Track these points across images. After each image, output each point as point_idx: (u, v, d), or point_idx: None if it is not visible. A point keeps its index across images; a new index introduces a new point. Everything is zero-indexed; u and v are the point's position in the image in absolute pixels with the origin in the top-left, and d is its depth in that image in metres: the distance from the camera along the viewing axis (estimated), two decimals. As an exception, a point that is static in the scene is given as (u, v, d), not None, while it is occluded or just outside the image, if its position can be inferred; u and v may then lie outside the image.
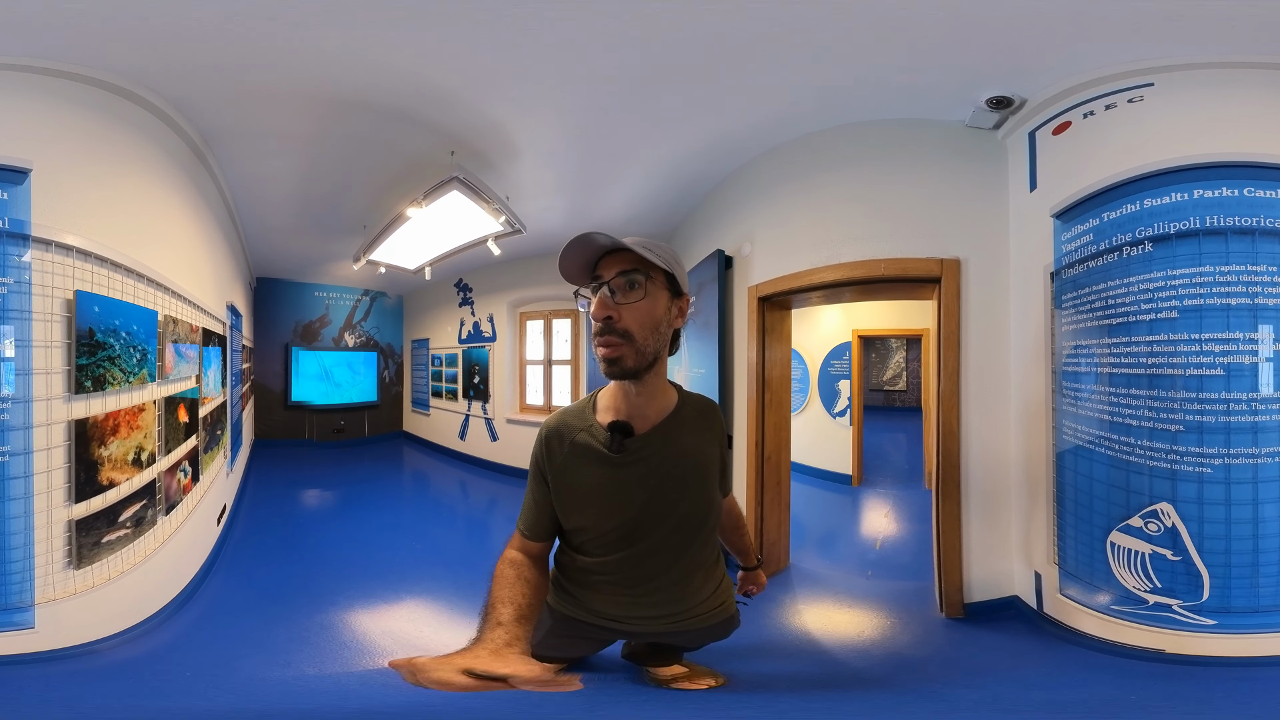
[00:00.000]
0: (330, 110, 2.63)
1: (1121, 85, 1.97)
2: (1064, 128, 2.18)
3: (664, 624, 1.32)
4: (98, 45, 2.02)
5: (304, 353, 7.35)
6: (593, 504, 1.21)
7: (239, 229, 4.68)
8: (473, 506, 5.32)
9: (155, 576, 2.50)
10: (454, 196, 3.37)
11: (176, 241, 2.89)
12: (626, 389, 1.18)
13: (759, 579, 1.70)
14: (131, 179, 2.39)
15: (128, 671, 2.03)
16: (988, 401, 2.45)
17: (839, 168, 2.67)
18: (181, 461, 2.88)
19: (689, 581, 1.29)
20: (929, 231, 2.48)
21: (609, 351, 1.09)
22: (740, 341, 3.10)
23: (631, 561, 1.23)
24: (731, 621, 1.47)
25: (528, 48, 2.05)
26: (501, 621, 1.02)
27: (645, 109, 2.54)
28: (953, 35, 1.91)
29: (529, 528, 1.28)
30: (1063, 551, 2.18)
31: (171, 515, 2.70)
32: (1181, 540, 1.84)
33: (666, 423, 1.21)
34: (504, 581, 1.14)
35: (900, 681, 2.01)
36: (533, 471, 1.29)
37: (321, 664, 2.24)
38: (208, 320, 3.57)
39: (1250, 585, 1.76)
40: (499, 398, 6.41)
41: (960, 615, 2.45)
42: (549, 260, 5.24)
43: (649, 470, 1.18)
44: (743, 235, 3.12)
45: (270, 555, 3.60)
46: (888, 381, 12.96)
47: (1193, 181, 1.79)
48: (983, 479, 2.46)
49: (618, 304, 1.09)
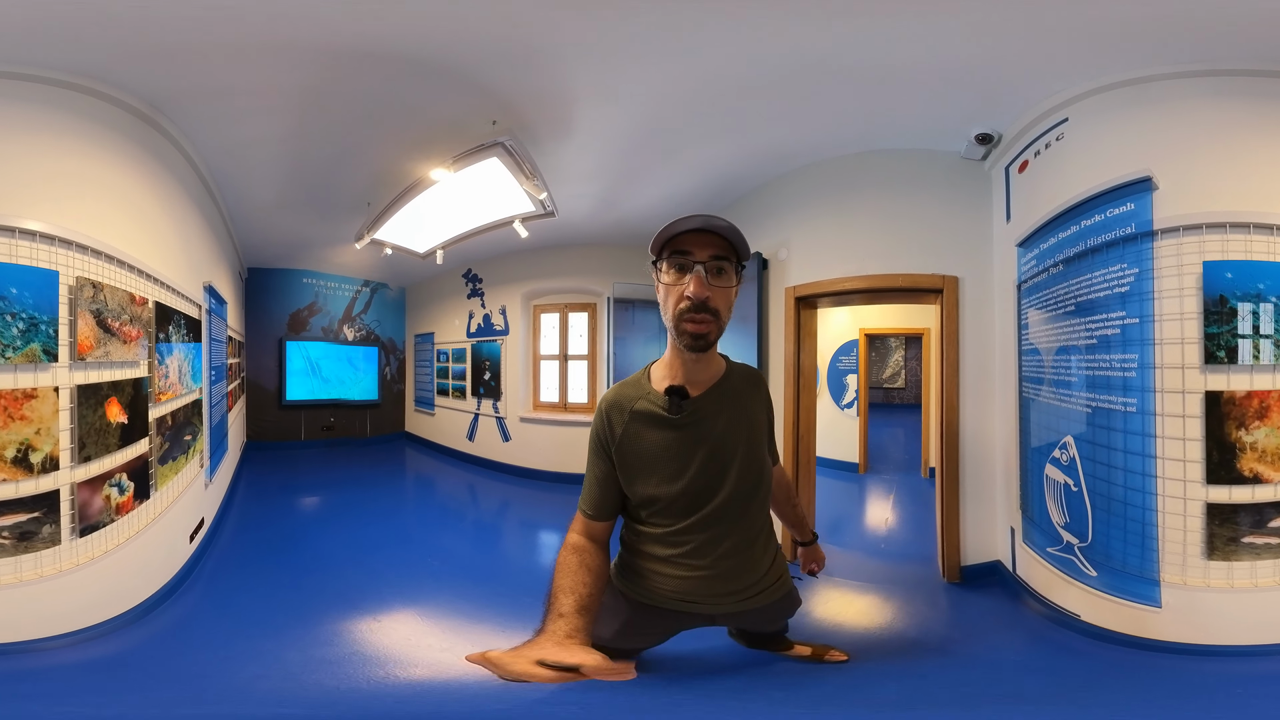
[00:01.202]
0: (323, 62, 2.18)
1: (1051, 123, 2.36)
2: (1024, 166, 2.56)
3: (734, 601, 1.37)
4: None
5: (292, 345, 6.65)
6: (658, 466, 1.26)
7: (221, 207, 4.02)
8: (483, 512, 4.76)
9: (56, 603, 2.04)
10: (490, 165, 3.04)
11: (104, 200, 2.30)
12: (684, 358, 1.24)
13: (818, 555, 1.75)
14: (26, 142, 2.00)
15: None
16: (979, 390, 2.88)
17: (864, 189, 3.02)
18: (115, 474, 2.21)
19: (749, 550, 1.35)
20: (934, 251, 2.89)
21: (700, 328, 1.15)
22: (776, 334, 3.37)
23: (698, 528, 1.28)
24: (792, 597, 1.56)
25: (626, 23, 1.92)
26: (563, 613, 1.05)
27: (710, 113, 2.64)
28: (948, 76, 2.20)
29: (592, 506, 1.32)
30: (1023, 496, 2.62)
31: (92, 538, 2.04)
32: (1077, 472, 2.26)
33: (718, 386, 1.29)
34: (566, 570, 1.17)
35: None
36: (593, 448, 1.33)
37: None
38: (171, 298, 2.90)
39: (1120, 532, 2.10)
40: (512, 394, 5.85)
41: (958, 580, 2.85)
42: (569, 250, 4.64)
43: (706, 429, 1.26)
44: (778, 241, 3.38)
45: (254, 574, 3.01)
46: (887, 379, 13.15)
47: (1098, 207, 2.18)
48: (975, 456, 2.88)
49: (710, 286, 1.15)
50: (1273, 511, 1.88)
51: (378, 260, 6.00)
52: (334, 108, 2.62)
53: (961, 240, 2.86)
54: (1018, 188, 2.61)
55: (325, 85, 2.38)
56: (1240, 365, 1.87)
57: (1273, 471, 1.87)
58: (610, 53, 2.10)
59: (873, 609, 2.63)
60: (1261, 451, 1.87)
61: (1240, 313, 1.85)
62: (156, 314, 2.65)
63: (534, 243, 4.62)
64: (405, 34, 1.99)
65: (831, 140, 2.91)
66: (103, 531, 2.15)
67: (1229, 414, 1.87)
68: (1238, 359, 1.86)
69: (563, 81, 2.33)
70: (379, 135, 2.97)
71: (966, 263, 2.84)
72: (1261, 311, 1.85)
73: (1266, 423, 1.86)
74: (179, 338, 3.01)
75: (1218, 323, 1.87)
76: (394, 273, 6.91)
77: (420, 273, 6.69)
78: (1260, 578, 1.91)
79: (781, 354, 3.27)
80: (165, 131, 2.70)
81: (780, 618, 1.63)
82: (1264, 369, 1.87)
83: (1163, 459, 1.96)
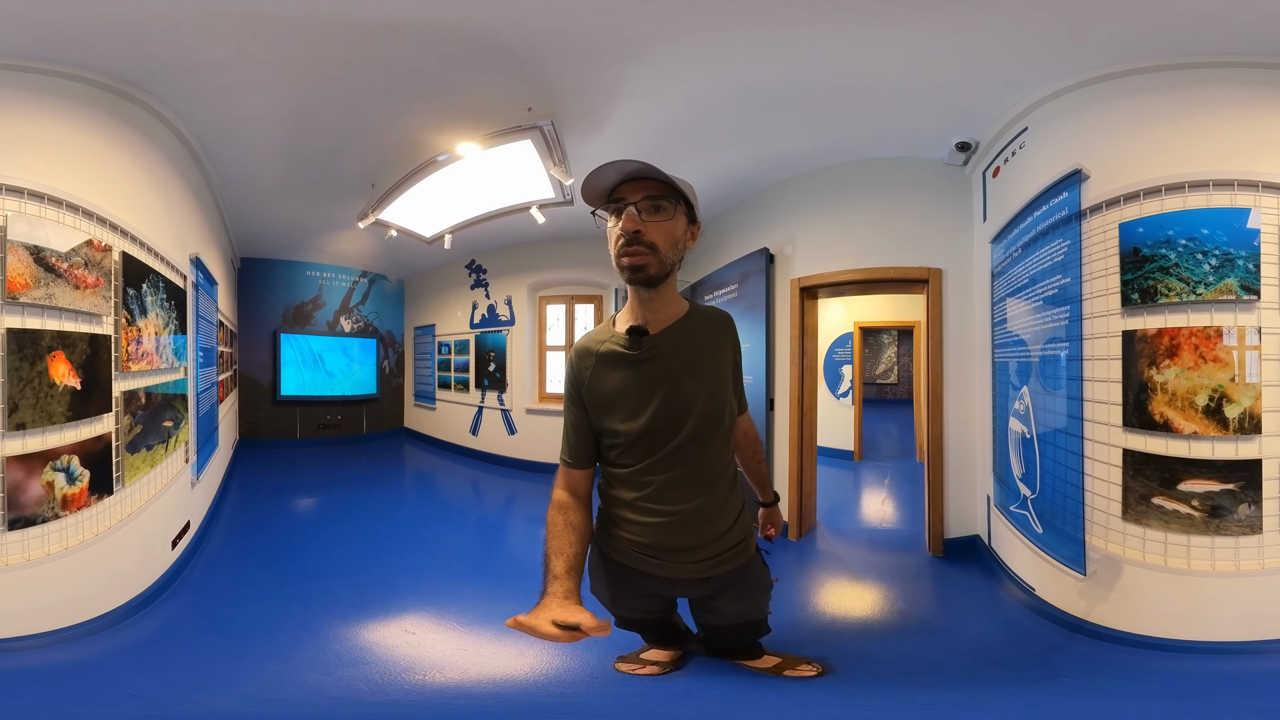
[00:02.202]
0: (342, 36, 2.05)
1: (1015, 132, 2.58)
2: (997, 171, 2.79)
3: (693, 561, 1.34)
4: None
5: (294, 338, 6.26)
6: (621, 403, 1.28)
7: (212, 183, 3.67)
8: (487, 509, 4.52)
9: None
10: (520, 148, 2.99)
11: (58, 155, 2.02)
12: (643, 298, 1.26)
13: (777, 518, 1.69)
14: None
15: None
16: (961, 369, 3.14)
17: (860, 192, 3.31)
18: (61, 455, 1.83)
19: (709, 496, 1.32)
20: (921, 245, 3.19)
21: (635, 259, 1.18)
22: (782, 321, 3.59)
23: (659, 468, 1.28)
24: (758, 572, 1.50)
25: (682, 29, 2.01)
26: (557, 574, 1.12)
27: (733, 119, 2.79)
28: (924, 93, 2.45)
29: (570, 454, 1.35)
30: (995, 458, 2.82)
31: (27, 535, 1.68)
32: (1030, 419, 2.45)
33: (678, 325, 1.30)
34: (554, 531, 1.23)
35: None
36: (567, 394, 1.36)
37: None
38: (147, 256, 2.55)
39: (1060, 482, 2.25)
40: (517, 386, 5.60)
41: (941, 553, 3.06)
42: (577, 242, 4.50)
43: (665, 365, 1.27)
44: (784, 237, 3.61)
45: (247, 583, 2.70)
46: (880, 375, 13.28)
47: (1044, 200, 2.40)
48: (958, 432, 3.12)
49: (644, 222, 1.17)
50: (1183, 470, 1.92)
51: (377, 249, 5.68)
52: (347, 81, 2.45)
53: (945, 237, 3.15)
54: (993, 191, 2.87)
55: (346, 58, 2.23)
56: (1154, 305, 2.00)
57: (1183, 420, 1.93)
58: (664, 56, 2.19)
59: (862, 577, 2.85)
60: (1172, 394, 1.94)
61: (1153, 259, 2.01)
62: (125, 267, 2.29)
63: (540, 234, 4.47)
64: (453, 12, 1.93)
65: (833, 148, 3.18)
66: (43, 529, 1.78)
67: (1142, 351, 2.00)
68: (1154, 299, 2.00)
69: (613, 79, 2.39)
70: (395, 111, 2.78)
71: (950, 256, 3.14)
72: (1170, 253, 1.99)
73: (1177, 361, 1.95)
74: (157, 302, 2.63)
75: (1132, 269, 2.04)
76: (393, 263, 6.56)
77: (421, 263, 6.35)
78: (1171, 557, 1.95)
79: (787, 339, 3.55)
80: (148, 106, 2.47)
81: (750, 596, 1.50)
82: (1176, 308, 1.97)
83: (1090, 401, 2.12)
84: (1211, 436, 1.91)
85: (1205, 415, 1.92)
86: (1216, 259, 1.94)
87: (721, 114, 2.71)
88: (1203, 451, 1.92)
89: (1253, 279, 1.91)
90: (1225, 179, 1.95)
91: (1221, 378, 1.91)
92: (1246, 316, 1.91)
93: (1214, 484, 1.90)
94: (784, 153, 3.25)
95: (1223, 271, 1.93)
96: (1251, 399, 1.89)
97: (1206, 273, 1.95)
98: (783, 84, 2.40)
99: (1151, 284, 2.00)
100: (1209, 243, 1.95)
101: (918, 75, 2.29)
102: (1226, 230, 1.94)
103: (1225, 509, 1.89)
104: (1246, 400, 1.89)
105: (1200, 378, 1.92)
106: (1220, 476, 1.90)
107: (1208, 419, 1.92)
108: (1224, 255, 1.93)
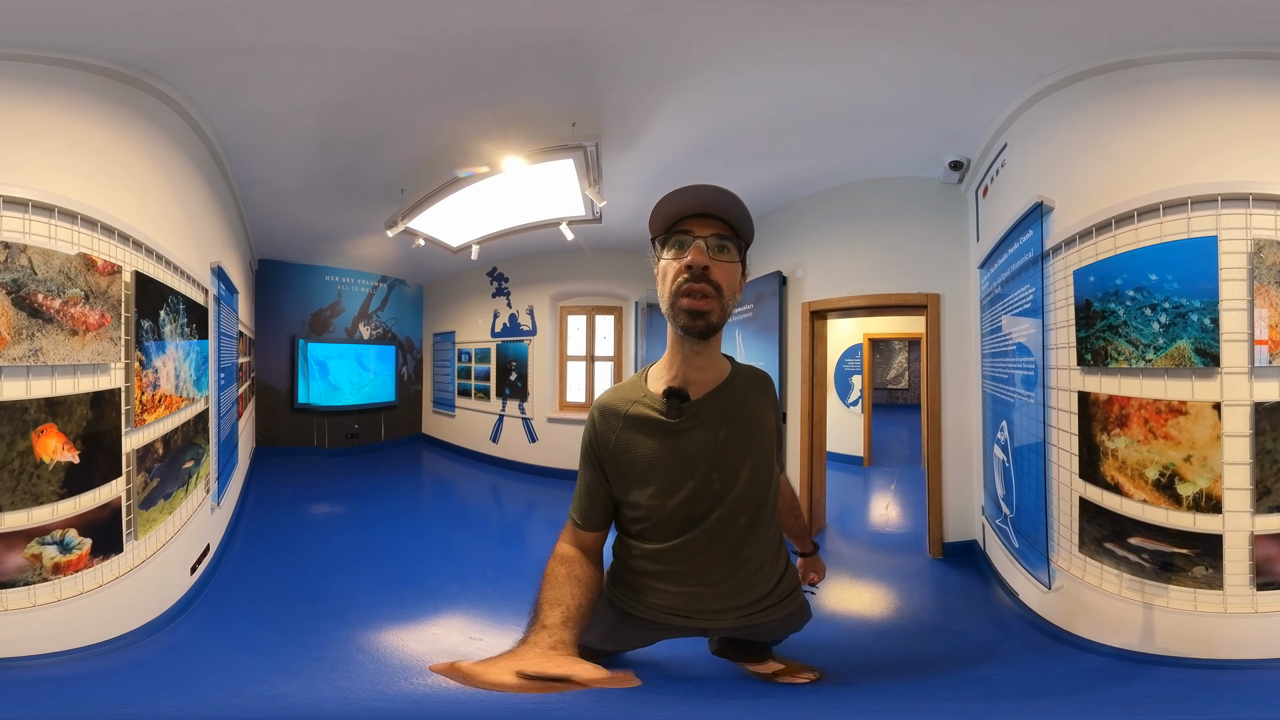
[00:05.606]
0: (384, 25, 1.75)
1: (998, 149, 2.45)
2: (986, 190, 2.68)
3: (732, 619, 1.18)
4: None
5: (314, 346, 5.84)
6: (653, 477, 1.08)
7: (231, 180, 3.26)
8: (507, 514, 4.39)
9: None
10: (562, 166, 2.83)
11: (52, 149, 1.63)
12: (687, 353, 1.07)
13: (819, 565, 1.52)
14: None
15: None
16: (959, 388, 3.09)
17: (865, 216, 3.30)
18: (53, 530, 1.48)
19: (754, 571, 1.15)
20: (920, 272, 3.16)
21: (697, 303, 0.99)
22: (794, 341, 3.65)
23: (695, 547, 1.09)
24: (802, 613, 1.36)
25: (726, 56, 1.95)
26: (547, 625, 0.89)
27: (756, 145, 2.77)
28: (909, 114, 2.39)
29: (582, 516, 1.14)
30: (985, 475, 2.79)
31: (7, 594, 1.31)
32: (1009, 450, 2.42)
33: (722, 388, 1.11)
34: (553, 581, 1.00)
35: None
36: (584, 455, 1.16)
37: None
38: (164, 272, 2.17)
39: (1032, 507, 2.18)
40: (539, 395, 5.36)
41: (940, 555, 3.02)
42: (600, 255, 4.56)
43: (708, 435, 1.07)
44: (795, 261, 3.65)
45: (265, 607, 2.38)
46: (891, 380, 12.89)
47: (1015, 235, 2.30)
48: (955, 446, 3.08)
49: (714, 260, 1.01)
50: (1133, 529, 1.75)
51: (397, 254, 5.33)
52: (392, 78, 2.15)
53: (942, 261, 3.12)
54: (984, 211, 2.77)
55: (398, 52, 1.95)
56: (1108, 369, 1.79)
57: (1133, 487, 1.73)
58: (706, 83, 2.13)
59: (865, 576, 2.83)
60: (1122, 462, 1.75)
61: (1104, 314, 1.79)
62: (137, 291, 1.85)
63: (562, 244, 4.20)
64: (527, 20, 1.74)
65: (836, 169, 3.16)
66: (29, 590, 1.42)
67: (1094, 415, 1.84)
68: (1105, 362, 1.79)
69: (656, 100, 2.32)
70: (443, 114, 2.49)
71: (947, 281, 3.12)
72: (1119, 308, 1.74)
73: (1126, 432, 1.74)
74: (176, 330, 2.23)
75: (1085, 325, 1.85)
76: (414, 268, 6.18)
77: (441, 269, 5.98)
78: (1125, 589, 1.78)
79: (799, 359, 3.61)
80: (163, 95, 2.11)
81: (786, 632, 1.42)
82: (1129, 373, 1.74)
83: (1056, 447, 2.04)
84: (1164, 507, 1.67)
85: (1156, 489, 1.68)
86: (1167, 314, 1.65)
87: (745, 137, 2.67)
88: (1156, 518, 1.69)
89: (1209, 340, 1.58)
90: (1177, 199, 1.65)
91: (1174, 456, 1.64)
92: (1205, 386, 1.60)
93: (1165, 546, 1.67)
94: (792, 174, 3.26)
95: (1173, 331, 1.64)
96: (1209, 480, 1.59)
97: (1156, 334, 1.66)
98: (793, 107, 2.34)
99: (1102, 345, 1.78)
100: (1158, 292, 1.66)
101: (904, 95, 2.20)
102: (1178, 273, 1.64)
103: (1179, 568, 1.66)
104: (1203, 481, 1.60)
105: (1150, 452, 1.68)
106: (1174, 542, 1.66)
107: (1159, 492, 1.68)
108: (1175, 309, 1.64)
